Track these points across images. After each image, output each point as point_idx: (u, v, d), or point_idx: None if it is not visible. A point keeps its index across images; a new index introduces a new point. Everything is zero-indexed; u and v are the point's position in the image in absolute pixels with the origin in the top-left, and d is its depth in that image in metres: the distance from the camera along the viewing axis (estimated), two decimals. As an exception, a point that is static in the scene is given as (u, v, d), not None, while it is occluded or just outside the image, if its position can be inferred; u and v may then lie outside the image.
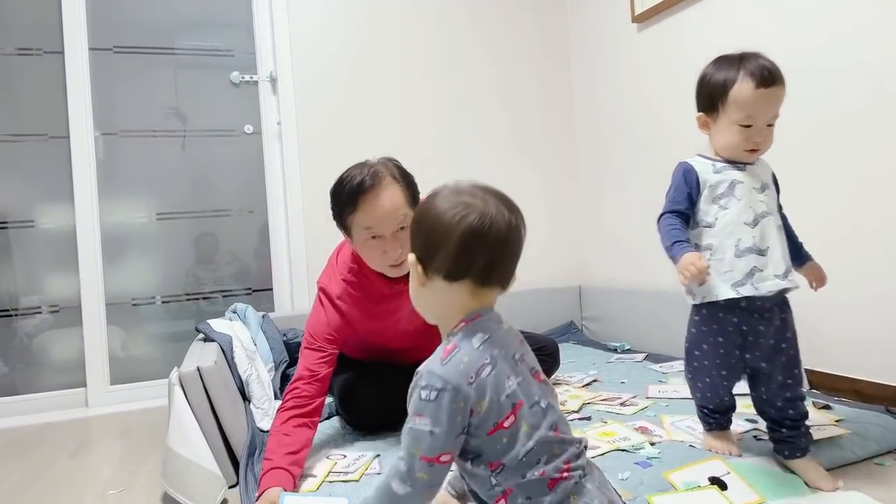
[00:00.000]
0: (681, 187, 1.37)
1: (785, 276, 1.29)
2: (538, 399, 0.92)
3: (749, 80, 1.28)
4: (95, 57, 2.66)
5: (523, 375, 0.93)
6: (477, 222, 0.91)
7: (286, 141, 2.80)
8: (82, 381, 2.60)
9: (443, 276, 0.93)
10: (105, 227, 2.66)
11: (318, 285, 1.72)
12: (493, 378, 0.89)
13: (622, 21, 2.77)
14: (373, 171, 1.51)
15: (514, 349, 0.94)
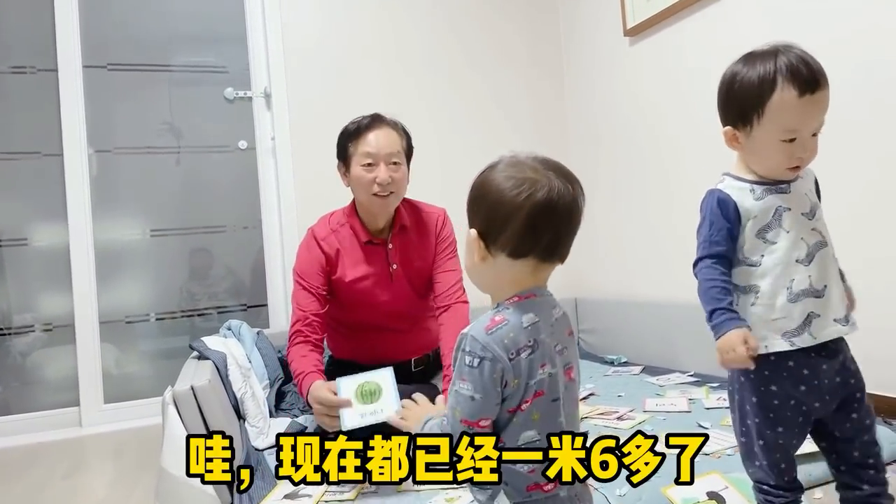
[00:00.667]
0: (717, 223, 1.10)
1: (846, 319, 1.08)
2: (560, 396, 0.90)
3: (791, 86, 1.03)
4: (89, 74, 2.66)
5: (557, 368, 0.91)
6: (544, 200, 0.89)
7: (280, 156, 2.80)
8: (76, 400, 2.57)
9: (507, 253, 0.91)
10: (99, 244, 2.65)
11: (307, 230, 1.90)
12: (529, 361, 0.87)
13: (614, 34, 2.79)
14: (376, 114, 1.82)
15: (557, 339, 0.92)
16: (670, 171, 2.55)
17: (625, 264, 2.85)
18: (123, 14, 2.76)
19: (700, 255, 1.10)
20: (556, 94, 3.23)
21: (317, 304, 1.77)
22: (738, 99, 1.10)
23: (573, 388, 0.94)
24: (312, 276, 1.80)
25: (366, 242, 1.84)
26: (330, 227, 1.87)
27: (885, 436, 1.50)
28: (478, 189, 0.96)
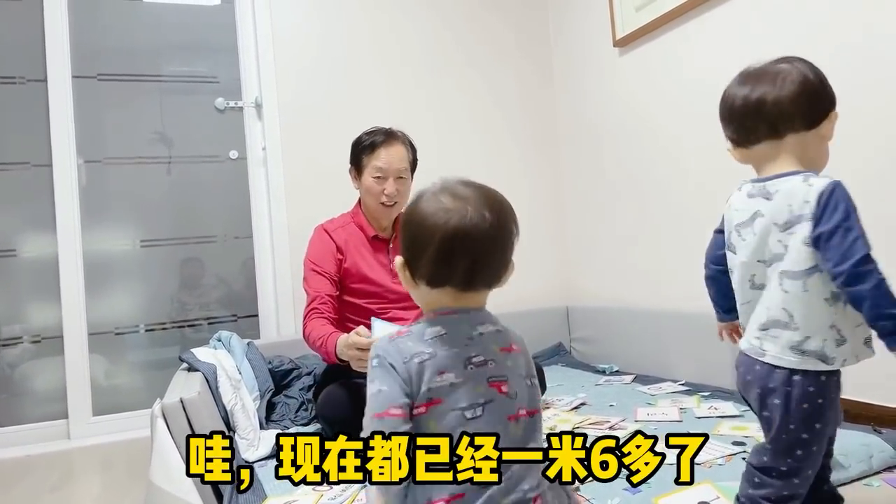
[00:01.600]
0: (860, 222, 1.03)
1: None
2: (469, 408, 0.88)
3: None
4: (79, 85, 2.66)
5: (471, 380, 0.89)
6: (453, 229, 0.88)
7: (271, 166, 2.80)
8: (64, 413, 2.55)
9: (426, 282, 0.92)
10: (88, 255, 2.63)
11: (314, 229, 2.08)
12: (420, 366, 0.88)
13: (604, 45, 2.81)
14: (389, 130, 2.02)
15: (474, 352, 0.90)
16: (660, 179, 2.56)
17: (616, 273, 2.85)
18: (113, 24, 2.75)
19: (868, 251, 1.00)
20: (548, 103, 3.25)
21: (330, 287, 1.94)
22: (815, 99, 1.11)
23: (508, 403, 0.91)
24: (326, 263, 1.97)
25: (372, 237, 2.05)
26: (338, 223, 2.08)
27: (874, 444, 1.51)
28: (405, 216, 0.97)
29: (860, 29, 1.77)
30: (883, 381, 1.77)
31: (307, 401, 2.15)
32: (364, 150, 2.00)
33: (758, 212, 1.11)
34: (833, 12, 1.84)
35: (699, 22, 2.32)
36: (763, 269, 1.11)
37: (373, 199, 2.00)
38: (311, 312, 1.89)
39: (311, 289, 1.94)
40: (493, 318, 0.97)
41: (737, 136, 1.17)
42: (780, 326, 1.07)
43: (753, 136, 1.13)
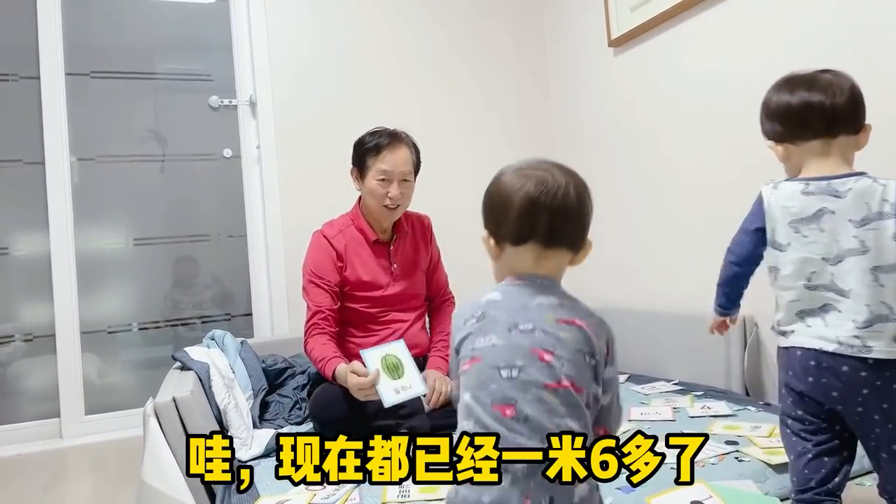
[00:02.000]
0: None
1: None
2: (505, 367, 0.90)
3: None
4: (72, 82, 2.64)
5: (513, 344, 0.91)
6: (534, 188, 0.97)
7: (266, 165, 2.79)
8: (56, 412, 2.53)
9: (510, 241, 0.98)
10: (81, 253, 2.62)
11: (313, 234, 2.04)
12: (473, 327, 0.95)
13: (599, 45, 2.81)
14: (393, 132, 1.99)
15: (523, 320, 0.93)
16: (655, 179, 2.56)
17: (610, 273, 2.86)
18: (107, 21, 2.74)
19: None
20: (543, 103, 3.25)
21: (330, 300, 1.93)
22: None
23: (547, 370, 0.89)
24: (326, 273, 1.95)
25: (374, 241, 2.03)
26: (338, 227, 2.04)
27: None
28: (487, 194, 1.04)
29: (855, 29, 1.78)
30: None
31: (301, 400, 2.14)
32: (368, 152, 1.96)
33: (824, 209, 1.15)
34: (829, 12, 1.85)
35: (694, 22, 2.32)
36: (826, 266, 1.15)
37: (376, 201, 1.97)
38: (312, 328, 1.89)
39: (312, 303, 1.93)
40: (561, 292, 1.00)
41: (787, 132, 1.25)
42: (882, 321, 1.11)
43: (808, 133, 1.21)
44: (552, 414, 0.87)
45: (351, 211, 2.11)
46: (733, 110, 2.17)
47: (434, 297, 2.20)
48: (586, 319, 0.97)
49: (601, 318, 1.00)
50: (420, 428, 1.81)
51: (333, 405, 1.70)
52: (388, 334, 2.02)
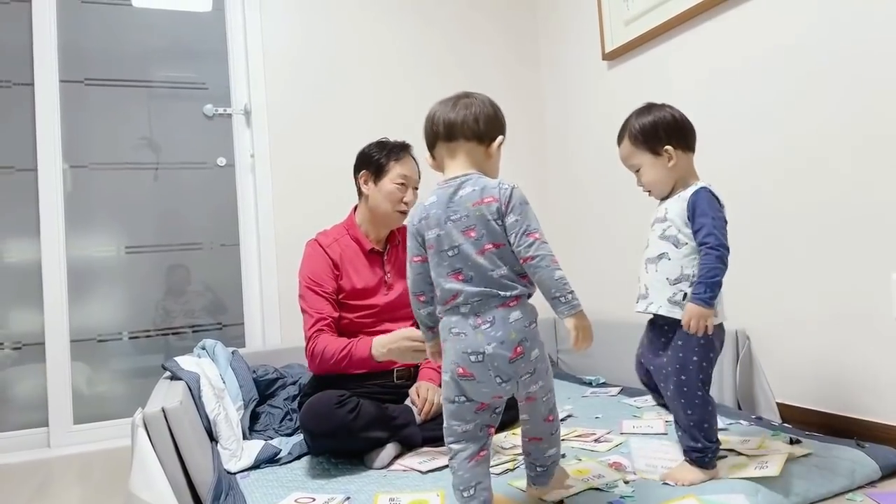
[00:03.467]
0: (721, 215, 1.47)
1: (636, 302, 1.59)
2: (448, 249, 1.26)
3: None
4: (66, 89, 2.64)
5: (449, 231, 1.26)
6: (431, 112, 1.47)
7: (259, 174, 2.79)
8: (44, 421, 2.51)
9: (431, 152, 1.45)
10: (72, 260, 2.60)
11: (307, 243, 2.05)
12: (422, 226, 1.32)
13: (593, 58, 2.83)
14: (407, 145, 2.05)
15: (452, 211, 1.27)
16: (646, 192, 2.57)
17: (602, 285, 2.86)
18: (102, 29, 2.74)
19: (726, 245, 1.42)
20: (537, 115, 3.26)
21: (331, 308, 1.93)
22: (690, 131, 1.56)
23: (476, 243, 1.24)
24: (324, 281, 1.95)
25: (369, 251, 2.03)
26: (332, 237, 2.05)
27: (857, 459, 1.51)
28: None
29: (843, 43, 1.80)
30: (865, 395, 1.78)
31: (292, 410, 2.13)
32: (392, 154, 1.99)
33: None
34: (817, 26, 1.86)
35: (687, 36, 2.34)
36: None
37: (391, 204, 1.98)
38: (316, 333, 1.88)
39: (313, 309, 1.91)
40: (476, 180, 1.29)
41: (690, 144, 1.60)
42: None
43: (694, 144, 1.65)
44: (486, 269, 1.23)
45: (345, 220, 2.11)
46: (726, 123, 2.18)
47: None
48: (496, 195, 1.26)
49: (509, 186, 1.28)
50: (412, 439, 1.81)
51: (324, 417, 1.69)
52: None
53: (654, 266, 1.50)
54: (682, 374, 1.44)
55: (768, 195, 2.04)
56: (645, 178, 1.56)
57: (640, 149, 1.55)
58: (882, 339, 1.73)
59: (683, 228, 1.46)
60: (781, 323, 2.01)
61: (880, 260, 1.73)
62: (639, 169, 1.57)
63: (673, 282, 1.46)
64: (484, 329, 1.21)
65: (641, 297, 1.54)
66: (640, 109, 1.59)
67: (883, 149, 1.71)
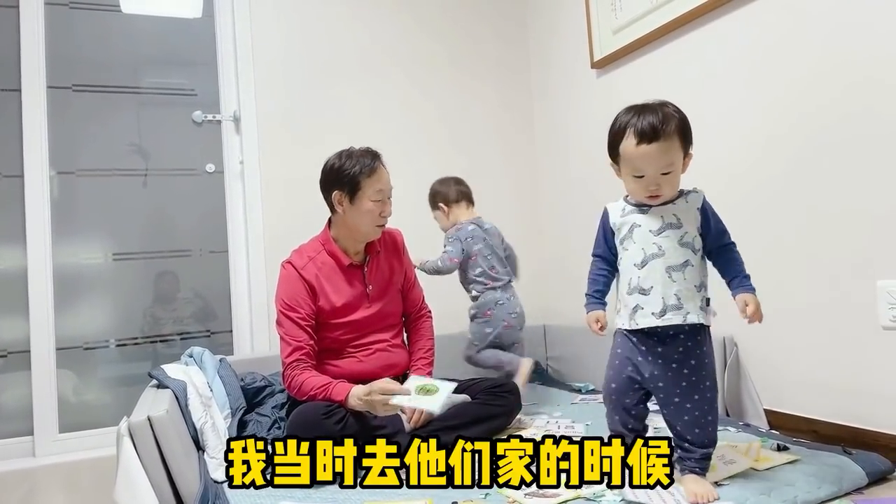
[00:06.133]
0: (598, 231, 1.55)
1: (661, 315, 1.39)
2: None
3: (633, 136, 1.39)
4: (54, 95, 2.62)
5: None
6: None
7: (248, 180, 2.78)
8: (29, 430, 2.48)
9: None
10: (58, 267, 2.58)
11: (282, 265, 2.00)
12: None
13: (582, 66, 2.85)
14: (372, 150, 1.97)
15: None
16: (636, 200, 2.58)
17: (592, 292, 2.86)
18: (90, 35, 2.73)
19: (592, 253, 1.56)
20: (527, 123, 3.27)
21: (308, 337, 1.89)
22: (608, 139, 1.48)
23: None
24: (300, 306, 1.90)
25: (348, 266, 1.99)
26: (307, 255, 1.98)
27: (844, 465, 1.52)
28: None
29: (831, 51, 1.81)
30: (853, 402, 1.79)
31: (280, 419, 2.11)
32: (363, 174, 1.91)
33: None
34: (808, 34, 1.88)
35: (676, 45, 2.35)
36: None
37: (371, 220, 1.94)
38: (295, 364, 1.85)
39: (290, 337, 1.88)
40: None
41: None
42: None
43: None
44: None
45: (321, 235, 2.05)
46: (714, 131, 2.19)
47: (411, 313, 2.19)
48: None
49: None
50: (401, 448, 1.80)
51: (312, 426, 1.68)
52: (368, 354, 2.00)
53: (682, 274, 1.40)
54: (708, 379, 1.42)
55: (755, 203, 2.05)
56: (672, 181, 1.41)
57: (680, 146, 1.40)
58: (869, 347, 1.74)
59: (696, 235, 1.44)
60: (769, 330, 2.01)
61: (867, 268, 1.74)
62: (669, 172, 1.39)
63: (698, 288, 1.42)
64: None
65: (673, 308, 1.39)
66: (654, 104, 1.43)
67: (870, 157, 1.72)
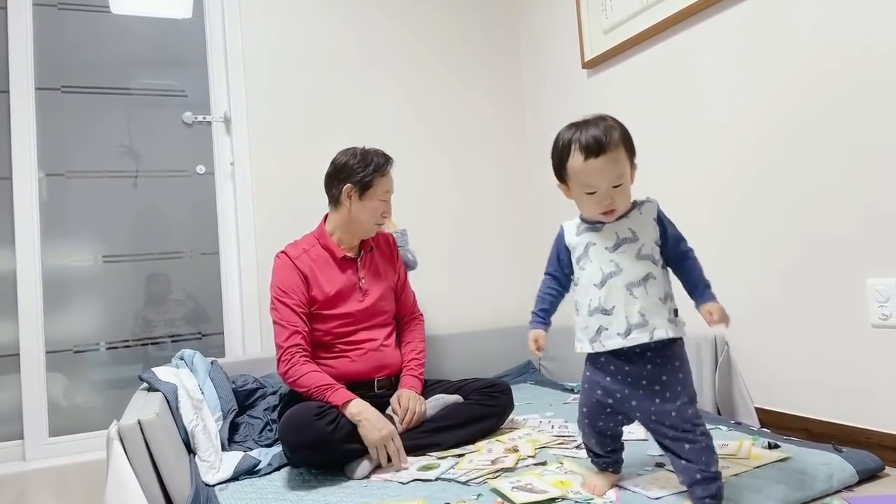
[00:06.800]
0: (552, 250, 1.51)
1: (626, 334, 1.33)
2: None
3: (579, 152, 1.35)
4: (42, 97, 2.60)
5: None
6: None
7: (239, 182, 2.77)
8: (19, 433, 2.46)
9: None
10: (47, 270, 2.56)
11: (276, 255, 2.04)
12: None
13: (573, 67, 2.85)
14: (388, 155, 2.05)
15: None
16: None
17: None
18: (79, 36, 2.71)
19: (545, 271, 1.51)
20: (518, 123, 3.27)
21: (303, 322, 1.93)
22: (553, 160, 1.44)
23: None
24: (295, 293, 1.94)
25: (341, 259, 2.03)
26: (301, 247, 2.04)
27: (835, 463, 1.52)
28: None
29: (822, 47, 1.82)
30: (843, 400, 1.80)
31: (272, 421, 2.11)
32: (377, 172, 1.99)
33: None
34: (798, 34, 1.89)
35: (666, 45, 2.36)
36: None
37: (374, 218, 2.02)
38: (295, 349, 1.88)
39: (287, 322, 1.92)
40: None
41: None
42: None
43: None
44: None
45: (315, 230, 2.10)
46: (705, 132, 2.20)
47: (403, 316, 2.22)
48: None
49: None
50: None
51: (304, 428, 1.67)
52: (361, 354, 2.01)
53: (643, 289, 1.34)
54: (685, 395, 1.34)
55: (744, 201, 2.06)
56: (624, 193, 1.37)
57: (626, 157, 1.37)
58: (858, 344, 1.75)
59: (655, 247, 1.38)
60: (759, 328, 2.03)
61: (856, 266, 1.75)
62: (620, 184, 1.35)
63: (664, 300, 1.36)
64: None
65: (637, 327, 1.32)
66: (593, 119, 1.39)
67: (857, 156, 1.73)
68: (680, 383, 1.35)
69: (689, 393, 1.35)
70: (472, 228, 3.13)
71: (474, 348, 2.84)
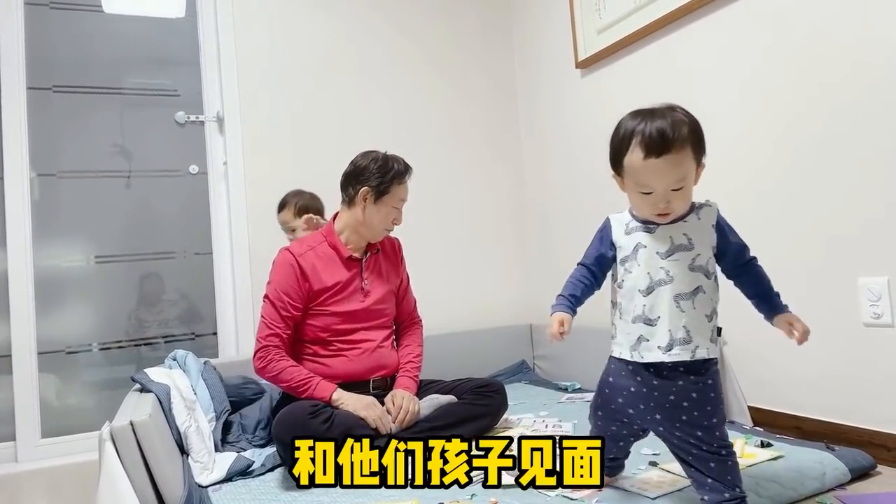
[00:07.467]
0: (594, 243, 1.39)
1: (668, 349, 1.22)
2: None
3: (640, 148, 1.20)
4: (33, 96, 2.59)
5: None
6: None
7: (232, 181, 2.76)
8: (11, 435, 2.45)
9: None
10: (40, 271, 2.55)
11: (280, 250, 2.03)
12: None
13: (567, 67, 2.85)
14: (408, 164, 2.07)
15: None
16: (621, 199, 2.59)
17: (579, 291, 2.87)
18: (71, 36, 2.69)
19: (579, 261, 1.41)
20: (512, 122, 3.28)
21: (284, 326, 1.93)
22: (611, 149, 1.30)
23: None
24: (288, 294, 1.94)
25: (347, 258, 2.04)
26: (307, 244, 2.04)
27: (827, 461, 1.53)
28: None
29: (818, 49, 1.83)
30: (836, 399, 1.81)
31: (265, 419, 2.10)
32: (395, 180, 2.01)
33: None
34: (793, 34, 1.90)
35: (659, 45, 2.36)
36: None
37: (384, 224, 2.04)
38: (272, 347, 1.90)
39: (271, 321, 1.93)
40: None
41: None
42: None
43: None
44: None
45: (324, 229, 2.11)
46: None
47: (403, 320, 2.22)
48: None
49: None
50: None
51: (298, 427, 1.67)
52: (358, 354, 2.01)
53: (691, 303, 1.22)
54: (722, 414, 1.25)
55: (737, 201, 2.06)
56: (685, 196, 1.23)
57: (693, 156, 1.22)
58: (850, 344, 1.76)
59: (711, 257, 1.27)
60: (753, 328, 2.02)
61: (848, 265, 1.76)
62: (681, 187, 1.20)
63: (709, 318, 1.25)
64: None
65: (680, 343, 1.22)
66: (661, 109, 1.25)
67: (849, 155, 1.74)
68: (710, 403, 1.24)
69: (719, 415, 1.25)
70: (466, 228, 3.13)
71: (468, 348, 2.85)
